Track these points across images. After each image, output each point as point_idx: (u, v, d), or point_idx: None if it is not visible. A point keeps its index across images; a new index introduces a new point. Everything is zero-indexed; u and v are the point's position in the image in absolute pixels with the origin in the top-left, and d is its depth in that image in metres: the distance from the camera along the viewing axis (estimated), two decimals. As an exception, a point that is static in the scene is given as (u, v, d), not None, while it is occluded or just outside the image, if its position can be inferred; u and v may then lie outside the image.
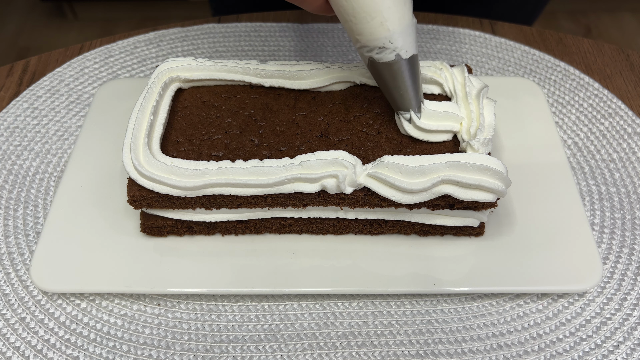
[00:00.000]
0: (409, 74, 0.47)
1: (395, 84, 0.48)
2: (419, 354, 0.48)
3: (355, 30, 0.45)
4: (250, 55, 0.75)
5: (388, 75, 0.47)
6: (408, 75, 0.47)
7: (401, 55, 0.46)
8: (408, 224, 0.53)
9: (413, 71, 0.47)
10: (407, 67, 0.47)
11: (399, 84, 0.48)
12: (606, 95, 0.69)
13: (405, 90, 0.48)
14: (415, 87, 0.49)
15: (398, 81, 0.48)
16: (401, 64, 0.46)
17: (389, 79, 0.48)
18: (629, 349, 0.48)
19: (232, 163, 0.48)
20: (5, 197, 0.59)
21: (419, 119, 0.50)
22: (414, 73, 0.48)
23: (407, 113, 0.50)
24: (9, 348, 0.49)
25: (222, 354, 0.48)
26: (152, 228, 0.53)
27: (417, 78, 0.48)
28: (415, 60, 0.47)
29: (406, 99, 0.49)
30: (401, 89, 0.48)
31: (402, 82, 0.48)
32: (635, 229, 0.56)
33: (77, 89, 0.70)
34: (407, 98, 0.49)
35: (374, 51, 0.46)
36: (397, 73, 0.47)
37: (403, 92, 0.48)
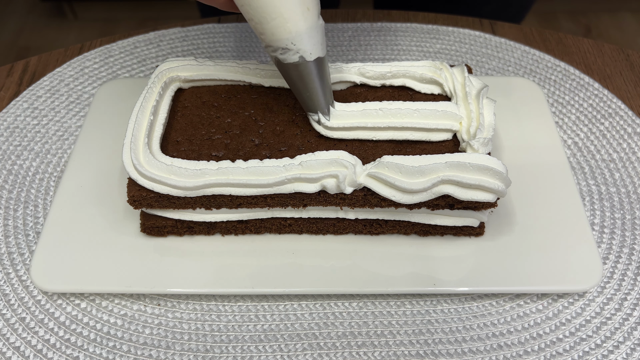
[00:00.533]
0: (314, 76, 0.47)
1: (302, 85, 0.48)
2: (419, 354, 0.48)
3: (258, 30, 0.45)
4: (250, 55, 0.75)
5: (294, 76, 0.47)
6: (314, 77, 0.47)
7: (305, 57, 0.45)
8: (408, 224, 0.53)
9: (320, 73, 0.47)
10: (313, 69, 0.46)
11: (305, 85, 0.47)
12: (606, 95, 0.69)
13: (312, 92, 0.48)
14: (323, 89, 0.48)
15: (304, 82, 0.47)
16: (306, 66, 0.46)
17: (295, 80, 0.47)
18: (629, 349, 0.48)
19: (232, 163, 0.48)
20: (5, 197, 0.59)
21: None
22: (321, 75, 0.47)
23: (316, 114, 0.50)
24: (9, 348, 0.49)
25: (222, 354, 0.48)
26: (152, 228, 0.53)
27: (324, 80, 0.48)
28: (321, 62, 0.47)
29: (314, 100, 0.49)
30: (308, 90, 0.48)
31: (308, 83, 0.47)
32: (635, 229, 0.56)
33: (77, 89, 0.70)
34: (315, 99, 0.49)
35: (277, 51, 0.45)
36: (303, 74, 0.47)
37: (310, 93, 0.48)
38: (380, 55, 0.75)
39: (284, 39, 0.44)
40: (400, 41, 0.76)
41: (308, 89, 0.48)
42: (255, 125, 0.53)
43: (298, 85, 0.48)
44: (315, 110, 0.50)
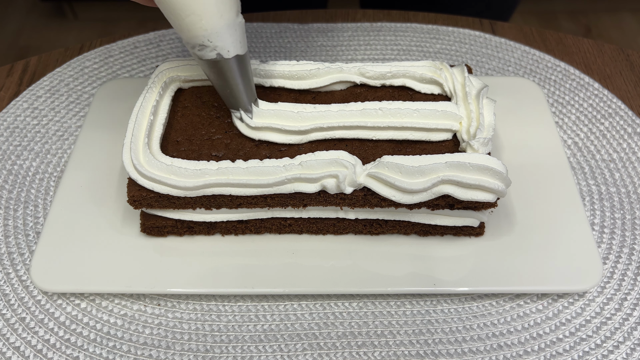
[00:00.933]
0: (234, 73, 0.47)
1: (221, 82, 0.48)
2: (419, 354, 0.48)
3: (175, 26, 0.45)
4: (250, 55, 0.75)
5: (213, 72, 0.47)
6: (234, 75, 0.47)
7: (222, 54, 0.45)
8: (408, 224, 0.53)
9: (241, 71, 0.47)
10: (233, 67, 0.46)
11: (226, 82, 0.48)
12: (606, 95, 0.69)
13: (233, 89, 0.48)
14: (245, 87, 0.49)
15: (223, 79, 0.47)
16: (224, 63, 0.46)
17: (215, 77, 0.47)
18: (629, 349, 0.48)
19: (232, 163, 0.48)
20: (5, 197, 0.59)
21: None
22: (242, 73, 0.47)
23: (238, 112, 0.50)
24: (9, 348, 0.49)
25: (222, 354, 0.48)
26: (152, 228, 0.53)
27: (245, 77, 0.48)
28: (241, 59, 0.47)
29: (235, 97, 0.49)
30: (228, 87, 0.48)
31: (227, 80, 0.47)
32: (635, 229, 0.56)
33: (77, 89, 0.70)
34: (235, 97, 0.49)
35: (195, 48, 0.45)
36: (221, 71, 0.47)
37: (231, 90, 0.48)
38: (380, 55, 0.75)
39: (199, 36, 0.44)
40: (400, 41, 0.76)
41: (228, 86, 0.48)
42: (255, 125, 0.52)
43: (218, 82, 0.48)
44: (237, 108, 0.50)
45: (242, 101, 0.50)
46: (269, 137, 0.51)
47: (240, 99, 0.49)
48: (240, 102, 0.50)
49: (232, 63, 0.46)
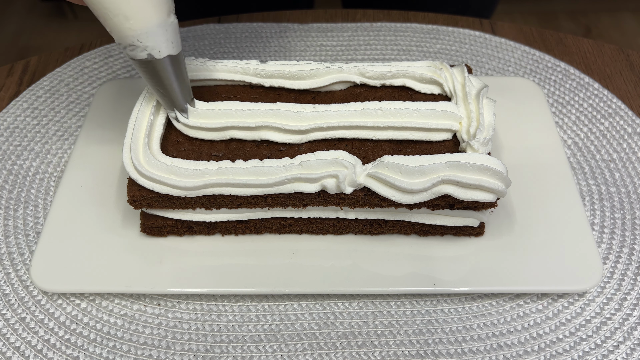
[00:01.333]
0: (168, 73, 0.47)
1: (155, 82, 0.47)
2: (419, 354, 0.48)
3: (105, 26, 0.44)
4: (250, 55, 0.75)
5: (145, 72, 0.47)
6: (167, 75, 0.47)
7: (153, 55, 0.45)
8: (408, 224, 0.53)
9: (175, 71, 0.47)
10: (166, 67, 0.46)
11: (159, 82, 0.47)
12: (606, 95, 0.69)
13: (167, 89, 0.48)
14: (179, 87, 0.48)
15: (157, 79, 0.47)
16: (156, 64, 0.46)
17: (148, 77, 0.47)
18: (629, 349, 0.48)
19: (232, 163, 0.48)
20: (5, 197, 0.59)
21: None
22: (176, 73, 0.47)
23: (173, 112, 0.50)
24: (9, 348, 0.49)
25: (222, 354, 0.48)
26: (152, 228, 0.53)
27: (180, 78, 0.48)
28: (175, 60, 0.46)
29: (170, 97, 0.49)
30: (162, 87, 0.48)
31: (161, 80, 0.47)
32: (635, 229, 0.56)
33: (77, 89, 0.70)
34: (170, 97, 0.49)
35: (127, 48, 0.45)
36: (154, 72, 0.46)
37: (165, 90, 0.48)
38: (380, 55, 0.75)
39: (129, 36, 0.44)
40: (400, 41, 0.76)
41: (162, 86, 0.48)
42: (255, 125, 0.52)
43: (151, 82, 0.48)
44: (172, 108, 0.50)
45: (177, 101, 0.49)
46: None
47: (175, 99, 0.49)
48: (175, 103, 0.50)
49: (164, 63, 0.46)
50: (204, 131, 0.51)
